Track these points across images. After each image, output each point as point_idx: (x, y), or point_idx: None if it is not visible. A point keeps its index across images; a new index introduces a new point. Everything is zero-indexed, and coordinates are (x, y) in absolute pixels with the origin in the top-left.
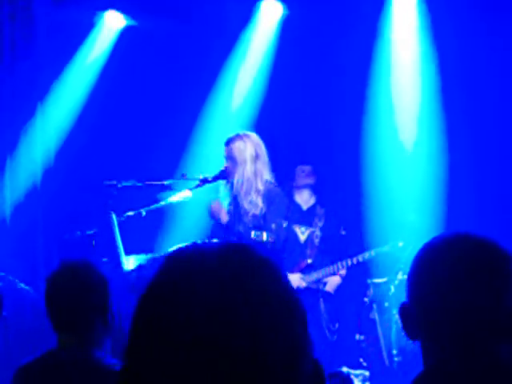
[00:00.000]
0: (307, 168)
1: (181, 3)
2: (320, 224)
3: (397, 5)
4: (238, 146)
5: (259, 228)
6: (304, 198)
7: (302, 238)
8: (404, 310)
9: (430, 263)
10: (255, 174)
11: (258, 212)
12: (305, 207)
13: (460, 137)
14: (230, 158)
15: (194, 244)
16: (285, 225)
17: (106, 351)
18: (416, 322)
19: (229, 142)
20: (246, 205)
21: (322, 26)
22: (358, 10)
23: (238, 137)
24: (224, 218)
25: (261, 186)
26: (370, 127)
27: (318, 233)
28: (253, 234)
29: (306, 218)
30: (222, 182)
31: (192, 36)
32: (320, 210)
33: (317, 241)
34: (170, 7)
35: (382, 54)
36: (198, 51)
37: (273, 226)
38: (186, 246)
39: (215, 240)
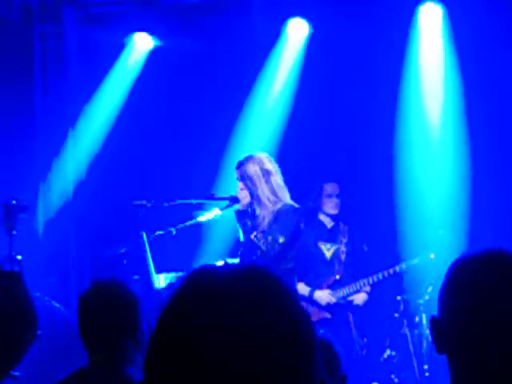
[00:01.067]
0: (334, 193)
1: (208, 24)
2: (345, 240)
3: (422, 22)
4: (252, 165)
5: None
6: (328, 218)
7: (328, 254)
8: (435, 324)
9: (464, 279)
10: (273, 190)
11: (266, 228)
12: (329, 226)
13: (490, 151)
14: (248, 177)
15: (214, 265)
16: (281, 239)
17: (137, 368)
18: (446, 337)
19: (242, 164)
20: (260, 223)
21: (347, 44)
22: (383, 27)
23: (250, 158)
24: (244, 206)
25: (271, 205)
26: (399, 143)
27: (343, 249)
28: (253, 235)
29: (331, 235)
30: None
31: (220, 56)
32: (343, 227)
33: (343, 257)
34: (197, 28)
35: (408, 71)
36: (226, 71)
37: (269, 238)
38: (205, 266)
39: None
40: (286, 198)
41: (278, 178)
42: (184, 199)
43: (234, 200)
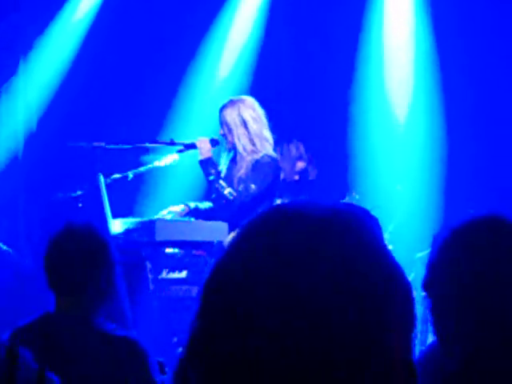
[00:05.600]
0: (303, 158)
1: None
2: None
3: None
4: (233, 110)
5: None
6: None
7: None
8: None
9: (467, 244)
10: (252, 137)
11: (243, 176)
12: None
13: (455, 111)
14: (225, 124)
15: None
16: (253, 187)
17: (104, 316)
18: (444, 298)
19: (222, 109)
20: (240, 170)
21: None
22: None
23: (231, 102)
24: (205, 154)
25: (248, 155)
26: (360, 100)
27: None
28: (218, 184)
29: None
30: (222, 150)
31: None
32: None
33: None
34: None
35: (373, 29)
36: (186, 11)
37: (240, 187)
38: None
39: None
40: (266, 147)
41: (257, 127)
42: (141, 143)
43: (191, 146)
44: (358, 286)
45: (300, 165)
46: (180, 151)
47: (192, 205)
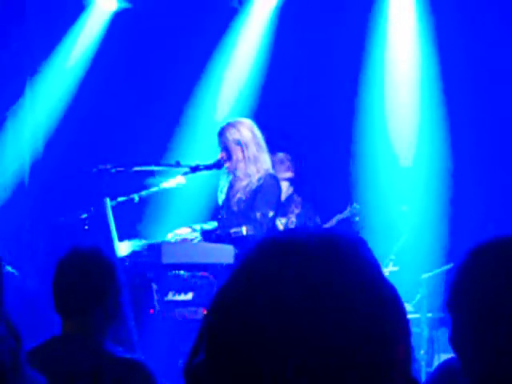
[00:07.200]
0: (286, 159)
1: None
2: (297, 211)
3: None
4: (231, 134)
5: (242, 219)
6: (283, 189)
7: (281, 227)
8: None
9: (487, 265)
10: (251, 160)
11: (247, 196)
12: (283, 197)
13: (460, 129)
14: (225, 147)
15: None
16: (271, 214)
17: (109, 339)
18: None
19: (221, 132)
20: (239, 193)
21: (315, 18)
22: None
23: (230, 125)
24: None
25: (256, 173)
26: (362, 117)
27: (293, 219)
28: (232, 232)
29: (284, 207)
30: (222, 172)
31: (185, 19)
32: (297, 198)
33: (292, 227)
34: None
35: (377, 48)
36: (190, 34)
37: (258, 214)
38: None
39: None
40: (263, 168)
41: (255, 149)
42: (147, 165)
43: (196, 169)
44: (352, 312)
45: (288, 174)
46: (186, 173)
47: (197, 227)
